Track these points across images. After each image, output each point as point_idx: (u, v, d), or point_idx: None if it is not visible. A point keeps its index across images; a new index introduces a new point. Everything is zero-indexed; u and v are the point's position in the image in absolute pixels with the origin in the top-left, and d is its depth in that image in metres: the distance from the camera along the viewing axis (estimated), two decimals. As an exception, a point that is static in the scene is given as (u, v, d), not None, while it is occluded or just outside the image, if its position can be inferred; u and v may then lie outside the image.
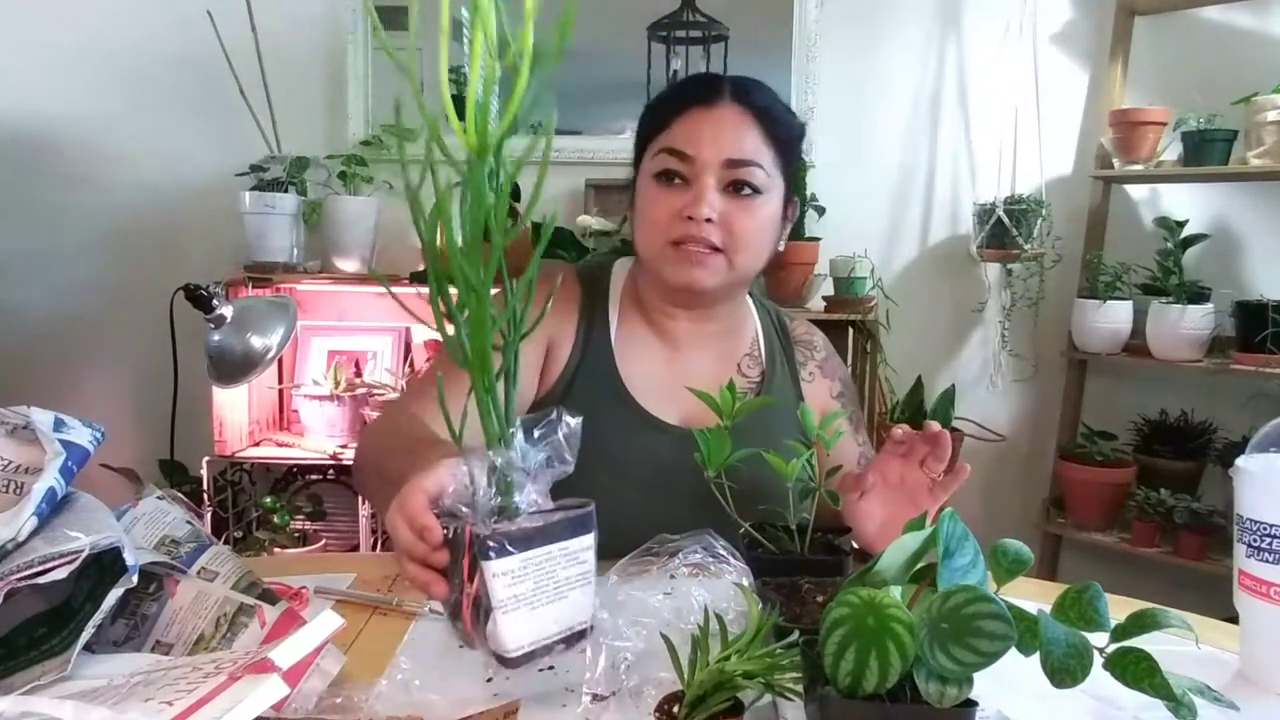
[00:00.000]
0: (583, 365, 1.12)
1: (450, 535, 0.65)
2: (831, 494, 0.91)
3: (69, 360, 2.54)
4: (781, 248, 1.15)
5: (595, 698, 0.72)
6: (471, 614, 0.63)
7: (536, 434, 0.66)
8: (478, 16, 0.53)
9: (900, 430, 0.94)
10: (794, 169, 1.12)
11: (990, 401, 2.52)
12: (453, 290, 0.63)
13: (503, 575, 0.62)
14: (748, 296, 1.22)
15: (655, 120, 1.09)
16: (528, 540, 0.63)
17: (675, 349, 1.16)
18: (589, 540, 0.66)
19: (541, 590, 0.64)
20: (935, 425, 0.92)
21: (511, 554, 0.62)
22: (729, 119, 1.05)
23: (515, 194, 0.65)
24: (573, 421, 0.67)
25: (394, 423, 1.02)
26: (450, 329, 0.64)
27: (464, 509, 0.65)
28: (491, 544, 0.61)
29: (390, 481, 0.92)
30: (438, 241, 0.61)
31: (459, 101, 0.57)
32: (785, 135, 1.09)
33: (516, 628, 0.63)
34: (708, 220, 1.03)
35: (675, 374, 1.14)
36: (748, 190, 1.05)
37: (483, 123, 0.55)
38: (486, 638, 0.63)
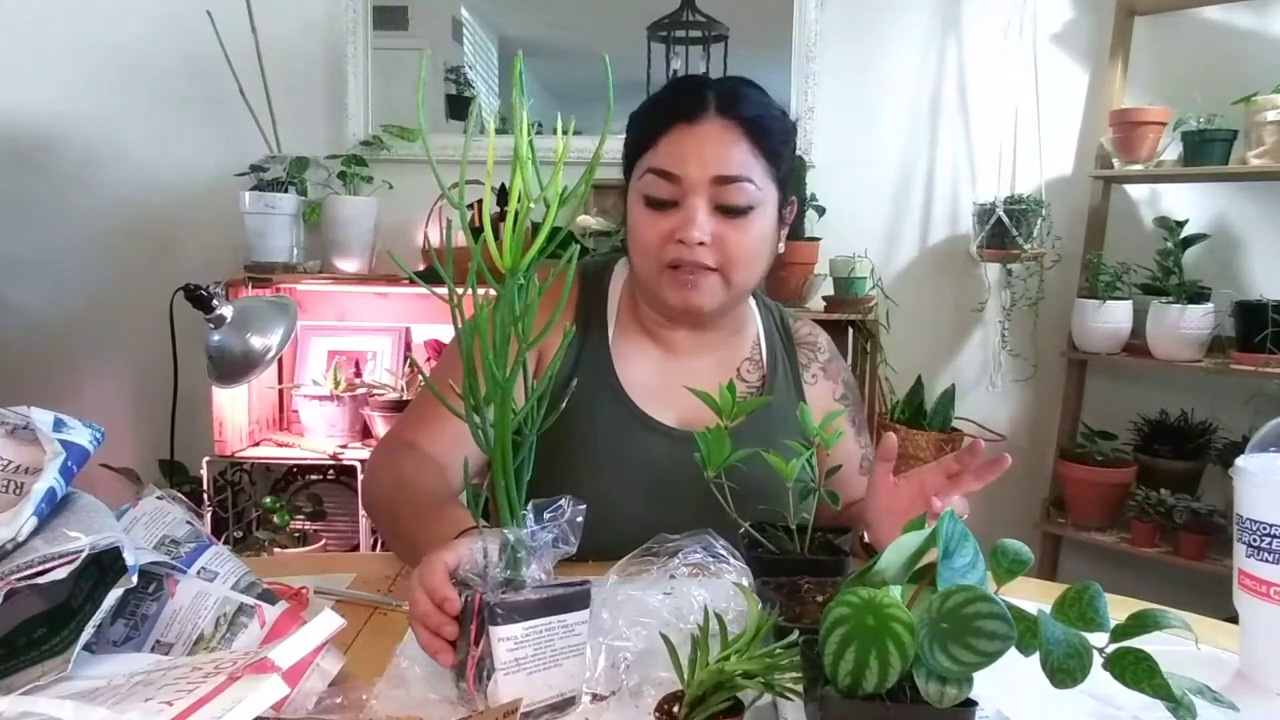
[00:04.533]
0: (579, 365, 1.11)
1: (462, 603, 0.71)
2: (832, 494, 0.91)
3: (69, 360, 2.54)
4: (782, 249, 1.13)
5: (595, 697, 0.72)
6: (475, 674, 0.70)
7: (545, 516, 0.73)
8: (518, 164, 0.64)
9: (955, 462, 0.95)
10: (789, 171, 1.09)
11: (990, 401, 2.51)
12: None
13: (507, 640, 0.68)
14: (750, 298, 1.21)
15: (641, 136, 1.06)
16: (532, 611, 0.69)
17: (673, 353, 1.15)
18: (584, 615, 0.72)
19: (540, 657, 0.70)
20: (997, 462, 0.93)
21: (517, 622, 0.68)
22: (714, 134, 1.02)
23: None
24: (578, 507, 0.74)
25: (401, 465, 1.03)
26: (477, 419, 0.70)
27: (476, 579, 0.71)
28: (500, 611, 0.68)
29: (403, 537, 0.97)
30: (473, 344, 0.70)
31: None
32: (775, 143, 1.05)
33: (515, 689, 0.69)
34: (700, 243, 1.02)
35: (673, 377, 1.12)
36: (739, 208, 1.03)
37: (517, 249, 0.67)
38: (487, 696, 0.69)
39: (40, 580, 0.61)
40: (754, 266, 1.07)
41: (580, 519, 0.73)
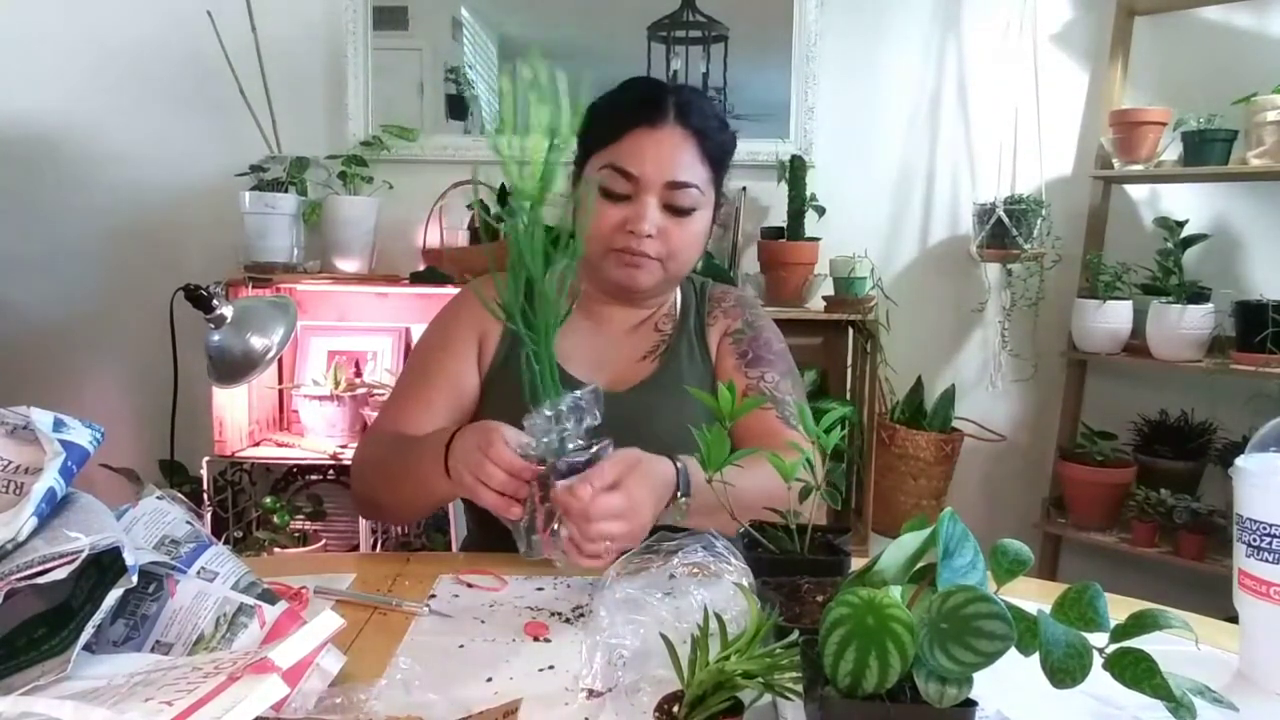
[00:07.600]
0: (514, 350, 1.19)
1: None
2: (831, 493, 0.91)
3: (69, 360, 2.54)
4: (709, 246, 1.30)
5: (591, 694, 0.72)
6: (544, 524, 0.89)
7: (573, 396, 0.90)
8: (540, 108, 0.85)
9: None
10: (725, 178, 1.24)
11: (990, 401, 2.52)
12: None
13: None
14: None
15: (602, 131, 1.15)
16: (584, 467, 0.88)
17: (603, 326, 1.27)
18: None
19: None
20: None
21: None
22: (671, 142, 1.14)
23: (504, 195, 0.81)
24: (598, 389, 0.92)
25: (386, 435, 1.16)
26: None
27: (531, 450, 0.89)
28: (565, 471, 0.87)
29: (400, 474, 1.08)
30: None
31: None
32: (719, 153, 1.20)
33: None
34: (648, 236, 1.14)
35: (601, 342, 1.25)
36: (685, 209, 1.16)
37: (544, 179, 0.86)
38: (556, 542, 0.88)
39: (40, 580, 0.61)
40: (688, 259, 1.22)
41: (601, 397, 0.91)
